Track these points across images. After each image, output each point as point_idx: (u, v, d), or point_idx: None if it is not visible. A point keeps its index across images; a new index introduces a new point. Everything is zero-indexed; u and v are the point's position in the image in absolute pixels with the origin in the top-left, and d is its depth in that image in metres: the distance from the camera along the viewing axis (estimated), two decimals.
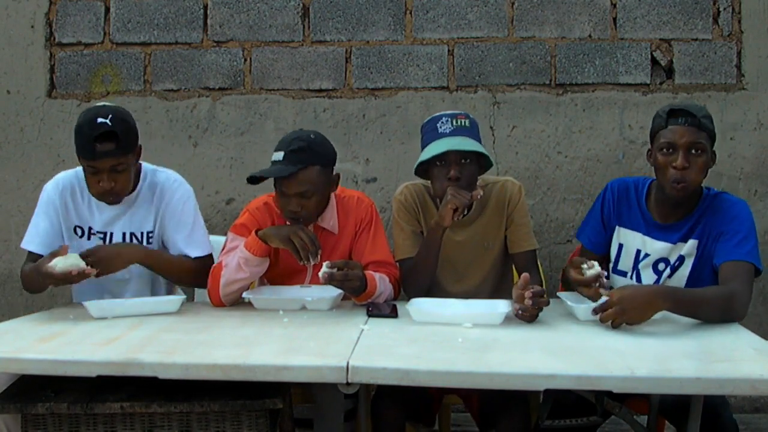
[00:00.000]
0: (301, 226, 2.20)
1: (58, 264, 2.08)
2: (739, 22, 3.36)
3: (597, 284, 1.98)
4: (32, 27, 3.48)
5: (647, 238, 2.26)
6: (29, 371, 1.71)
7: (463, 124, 2.28)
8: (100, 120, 2.15)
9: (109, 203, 2.32)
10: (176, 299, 2.22)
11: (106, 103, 2.29)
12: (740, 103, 3.35)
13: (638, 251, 2.28)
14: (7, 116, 3.49)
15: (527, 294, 1.90)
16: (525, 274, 1.99)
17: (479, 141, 2.31)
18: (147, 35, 3.47)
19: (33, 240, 2.36)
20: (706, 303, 1.94)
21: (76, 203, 2.37)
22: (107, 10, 3.47)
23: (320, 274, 2.08)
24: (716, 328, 1.90)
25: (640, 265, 2.27)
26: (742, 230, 2.13)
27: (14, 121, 3.49)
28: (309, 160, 2.19)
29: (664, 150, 2.14)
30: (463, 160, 2.25)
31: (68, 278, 2.10)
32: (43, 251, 2.29)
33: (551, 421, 2.02)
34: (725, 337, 1.81)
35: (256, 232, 2.21)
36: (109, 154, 2.16)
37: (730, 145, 3.36)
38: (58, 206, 2.35)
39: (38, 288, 2.29)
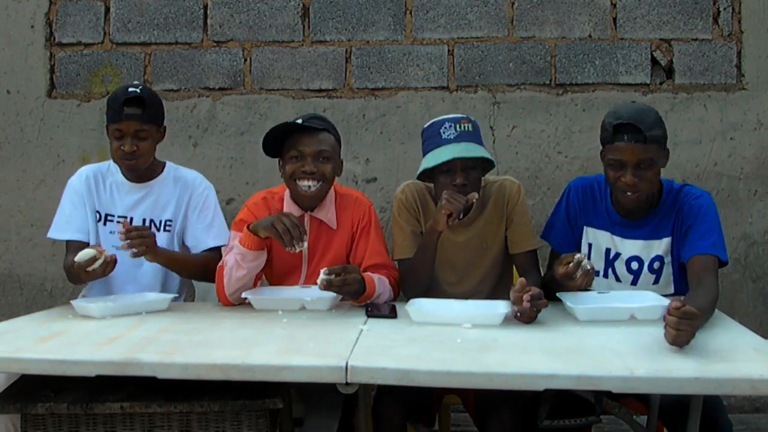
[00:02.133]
0: (286, 212, 2.20)
1: (80, 257, 2.15)
2: (739, 22, 3.36)
3: (580, 271, 1.98)
4: (32, 27, 3.48)
5: (616, 237, 2.28)
6: (29, 371, 1.71)
7: (466, 128, 2.27)
8: (131, 89, 2.38)
9: (129, 168, 2.42)
10: (164, 297, 2.25)
11: (137, 82, 2.51)
12: (740, 103, 3.35)
13: (608, 250, 2.30)
14: (7, 116, 3.49)
15: (525, 297, 1.90)
16: (521, 279, 1.98)
17: (482, 143, 2.32)
18: (147, 35, 3.47)
19: (61, 228, 2.45)
20: (707, 316, 1.90)
21: (99, 190, 2.48)
22: (107, 10, 3.47)
23: (318, 282, 2.08)
24: (716, 328, 1.90)
25: (616, 264, 2.30)
26: (705, 223, 2.15)
27: (14, 121, 3.49)
28: (327, 127, 2.32)
29: (613, 165, 2.15)
30: (468, 167, 2.25)
31: (95, 272, 2.14)
32: (77, 236, 2.42)
33: (551, 421, 2.02)
34: (725, 337, 1.81)
35: (248, 227, 2.20)
36: (135, 117, 2.35)
37: (730, 145, 3.36)
38: (83, 192, 2.46)
39: (84, 282, 2.40)
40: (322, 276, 2.07)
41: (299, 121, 2.29)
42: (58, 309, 2.34)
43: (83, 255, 2.14)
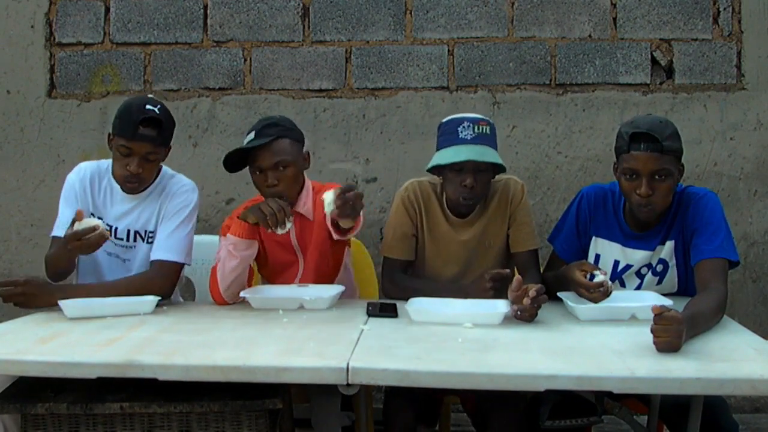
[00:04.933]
0: (274, 199, 2.20)
1: (80, 225, 2.10)
2: (739, 22, 3.36)
3: (601, 289, 1.99)
4: (32, 27, 3.48)
5: (627, 249, 2.25)
6: (29, 373, 1.71)
7: (484, 131, 2.26)
8: (149, 107, 2.25)
9: (129, 189, 2.35)
10: (150, 300, 2.17)
11: (153, 96, 2.39)
12: (740, 103, 3.35)
13: (617, 262, 2.27)
14: (7, 116, 3.49)
15: (531, 293, 1.90)
16: (517, 277, 1.99)
17: (497, 147, 2.31)
18: (147, 35, 3.47)
19: (59, 227, 2.36)
20: (708, 319, 1.87)
21: (93, 192, 2.40)
22: (107, 10, 3.47)
23: (327, 210, 2.06)
24: (716, 328, 1.89)
25: (624, 276, 2.27)
26: (711, 224, 2.11)
27: (14, 121, 3.49)
28: (279, 133, 2.26)
29: (628, 175, 2.11)
30: (480, 170, 2.25)
31: (91, 240, 2.09)
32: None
33: (551, 421, 2.02)
34: (725, 337, 1.80)
35: (238, 216, 2.23)
36: (149, 139, 2.24)
37: (730, 145, 3.36)
38: (77, 191, 2.39)
39: (64, 268, 2.29)
40: (330, 200, 2.04)
41: (252, 136, 2.25)
42: (58, 309, 2.33)
43: (84, 223, 2.10)
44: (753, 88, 3.35)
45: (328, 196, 2.06)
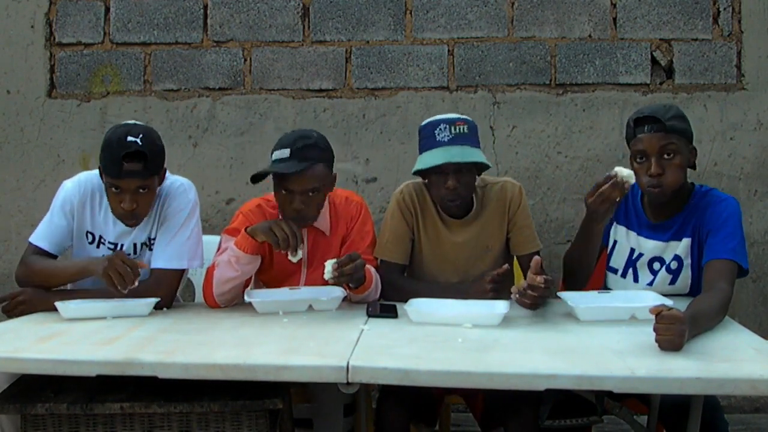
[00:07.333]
0: (285, 219, 2.18)
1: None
2: (739, 22, 3.36)
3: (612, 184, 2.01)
4: (32, 27, 3.48)
5: (640, 238, 2.27)
6: (29, 371, 1.71)
7: (461, 131, 2.25)
8: (130, 138, 2.10)
9: (128, 225, 2.27)
10: (147, 302, 2.15)
11: (137, 122, 2.26)
12: (740, 103, 3.35)
13: (632, 250, 2.29)
14: (7, 116, 3.49)
15: (539, 279, 1.94)
16: (537, 258, 2.02)
17: (478, 144, 2.30)
18: (147, 35, 3.47)
19: (45, 236, 2.31)
20: (710, 318, 1.87)
21: (93, 209, 2.32)
22: (107, 10, 3.47)
23: (326, 277, 2.09)
24: (716, 327, 1.89)
25: (638, 264, 2.28)
26: (727, 227, 2.12)
27: (14, 121, 3.49)
28: (317, 158, 2.21)
29: (638, 158, 2.17)
30: (461, 170, 2.25)
31: (125, 277, 2.07)
32: (53, 250, 2.31)
33: (551, 421, 2.02)
34: (725, 337, 1.80)
35: (246, 229, 2.19)
36: (136, 174, 2.12)
37: (730, 145, 3.36)
38: (75, 207, 2.31)
39: (63, 284, 2.26)
40: (329, 269, 2.09)
41: (285, 153, 2.18)
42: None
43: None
44: (753, 88, 3.35)
45: (328, 265, 2.09)
